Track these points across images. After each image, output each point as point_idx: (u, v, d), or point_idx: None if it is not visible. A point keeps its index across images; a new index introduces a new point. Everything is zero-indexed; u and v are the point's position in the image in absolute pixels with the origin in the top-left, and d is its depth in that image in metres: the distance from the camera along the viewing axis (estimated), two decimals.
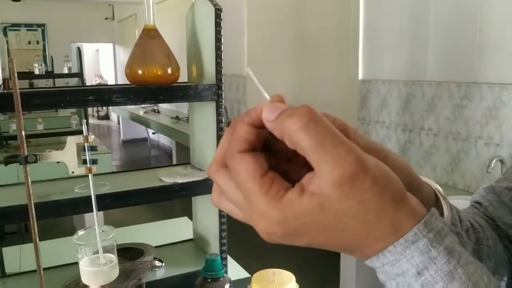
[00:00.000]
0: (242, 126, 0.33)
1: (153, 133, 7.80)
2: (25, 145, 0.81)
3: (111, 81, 11.35)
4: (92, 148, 0.85)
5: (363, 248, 0.33)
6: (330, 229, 0.31)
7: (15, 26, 8.58)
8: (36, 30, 8.83)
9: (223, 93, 1.10)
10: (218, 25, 1.05)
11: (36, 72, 4.21)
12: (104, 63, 12.00)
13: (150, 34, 1.08)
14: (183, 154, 5.47)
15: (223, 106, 1.11)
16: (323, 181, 0.30)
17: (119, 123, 9.48)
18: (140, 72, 1.05)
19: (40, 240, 0.88)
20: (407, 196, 0.33)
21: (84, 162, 0.87)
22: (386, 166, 0.32)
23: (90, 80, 11.10)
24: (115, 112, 9.54)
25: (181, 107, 5.79)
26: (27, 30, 8.75)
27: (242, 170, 0.32)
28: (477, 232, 0.53)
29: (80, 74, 3.87)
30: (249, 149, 0.33)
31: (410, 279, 0.32)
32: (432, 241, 0.31)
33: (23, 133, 0.80)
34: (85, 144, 0.84)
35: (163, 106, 6.46)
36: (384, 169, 0.32)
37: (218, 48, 1.07)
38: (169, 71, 1.07)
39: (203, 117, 1.20)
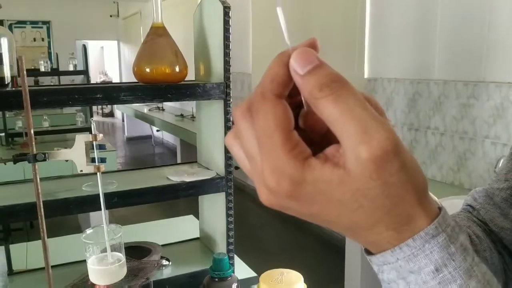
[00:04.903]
0: (282, 67, 0.29)
1: (157, 131, 7.81)
2: (34, 143, 0.80)
3: (115, 78, 11.37)
4: (101, 147, 0.85)
5: (370, 233, 0.30)
6: (343, 205, 0.29)
7: (21, 23, 8.60)
8: (41, 27, 8.85)
9: (231, 92, 1.10)
10: (226, 23, 1.05)
11: (42, 69, 4.21)
12: (109, 61, 12.03)
13: (158, 32, 1.07)
14: (188, 152, 5.48)
15: (231, 105, 1.10)
16: (348, 155, 0.28)
17: (123, 121, 9.50)
18: (148, 70, 1.05)
19: (47, 237, 0.88)
20: (427, 190, 0.31)
21: (93, 160, 0.86)
22: (413, 157, 0.30)
23: (95, 77, 11.13)
24: (119, 110, 9.56)
25: (186, 105, 5.79)
26: (32, 27, 8.78)
27: (273, 118, 0.29)
28: (475, 245, 0.51)
29: (85, 72, 3.87)
30: (284, 96, 0.29)
31: (427, 276, 0.30)
32: (450, 237, 0.30)
33: (32, 131, 0.80)
34: (94, 142, 0.83)
35: (167, 104, 6.47)
36: (413, 157, 0.30)
37: (226, 46, 1.06)
38: (177, 69, 1.07)
39: (210, 115, 1.20)
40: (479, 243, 0.52)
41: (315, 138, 0.32)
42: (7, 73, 0.94)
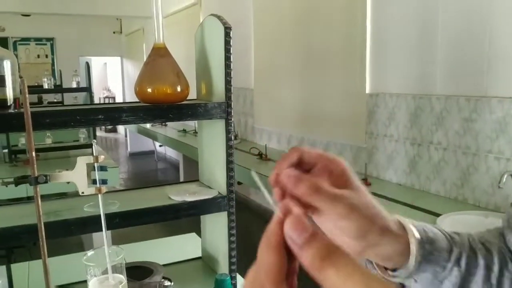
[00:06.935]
0: (272, 255, 0.32)
1: (160, 146, 7.82)
2: (35, 165, 0.80)
3: (118, 94, 11.43)
4: (102, 168, 0.85)
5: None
6: None
7: (25, 40, 8.70)
8: (45, 44, 8.95)
9: (232, 111, 1.10)
10: (227, 43, 1.06)
11: (45, 86, 4.24)
12: (112, 76, 12.11)
13: (160, 53, 1.08)
14: (190, 167, 5.47)
15: (232, 124, 1.11)
16: None
17: (126, 136, 9.52)
18: (149, 90, 1.05)
19: (48, 255, 0.87)
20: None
21: (94, 182, 0.86)
22: None
23: (98, 93, 11.19)
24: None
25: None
26: (36, 44, 8.87)
27: None
28: (489, 251, 0.51)
29: (88, 89, 3.89)
30: (282, 281, 0.32)
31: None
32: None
33: (33, 153, 0.80)
34: (95, 164, 0.83)
35: None
36: None
37: (227, 66, 1.07)
38: (179, 89, 1.07)
39: (212, 134, 1.20)
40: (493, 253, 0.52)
41: None
42: (9, 94, 0.94)
